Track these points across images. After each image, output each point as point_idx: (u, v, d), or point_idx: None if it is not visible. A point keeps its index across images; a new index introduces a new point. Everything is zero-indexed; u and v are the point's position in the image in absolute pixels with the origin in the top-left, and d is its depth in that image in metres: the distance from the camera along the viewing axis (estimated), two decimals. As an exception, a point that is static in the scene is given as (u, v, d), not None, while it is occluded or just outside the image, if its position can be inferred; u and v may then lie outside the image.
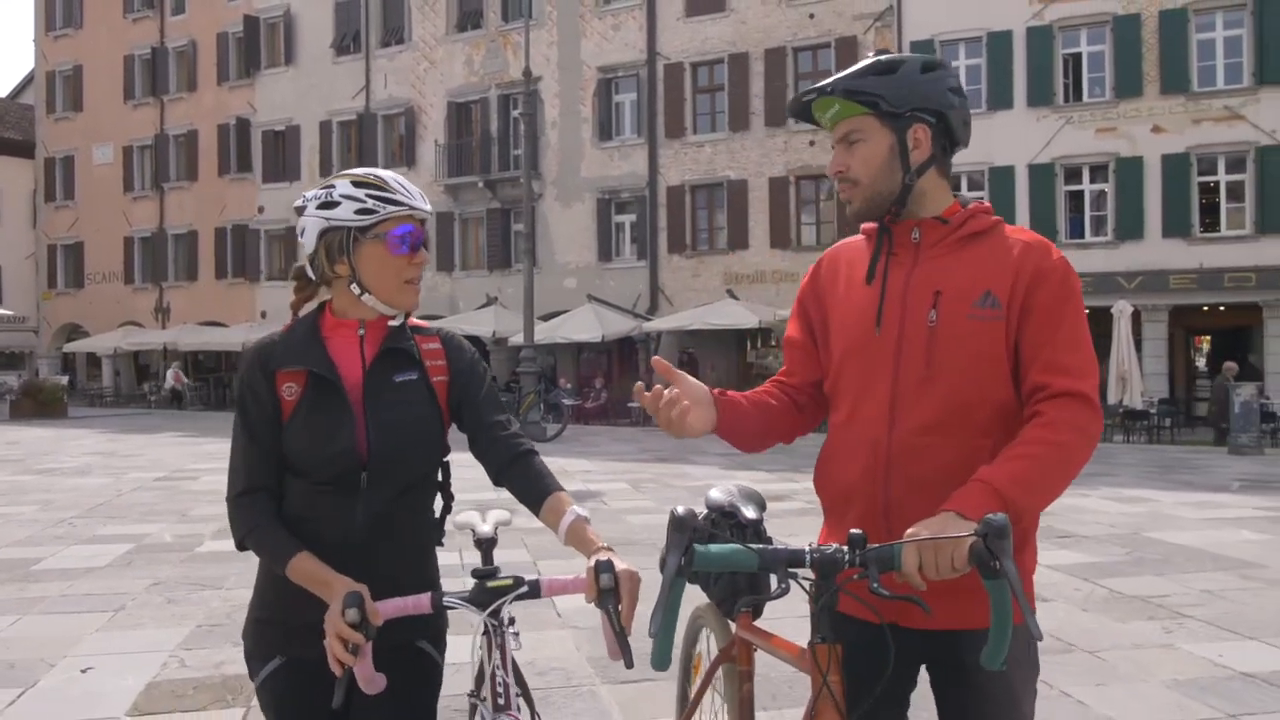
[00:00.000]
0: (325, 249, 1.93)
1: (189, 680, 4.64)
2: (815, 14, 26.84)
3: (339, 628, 1.66)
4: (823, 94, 1.93)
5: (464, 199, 31.81)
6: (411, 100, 33.03)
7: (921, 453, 1.84)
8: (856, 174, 1.94)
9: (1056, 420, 1.74)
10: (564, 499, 1.92)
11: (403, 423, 1.92)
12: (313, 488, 1.88)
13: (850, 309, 1.97)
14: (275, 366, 1.91)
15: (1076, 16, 24.05)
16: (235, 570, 7.03)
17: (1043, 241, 1.90)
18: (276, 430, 1.89)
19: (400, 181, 1.93)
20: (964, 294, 1.86)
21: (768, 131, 27.37)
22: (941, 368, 1.84)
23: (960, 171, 24.88)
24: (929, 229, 1.93)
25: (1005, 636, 1.54)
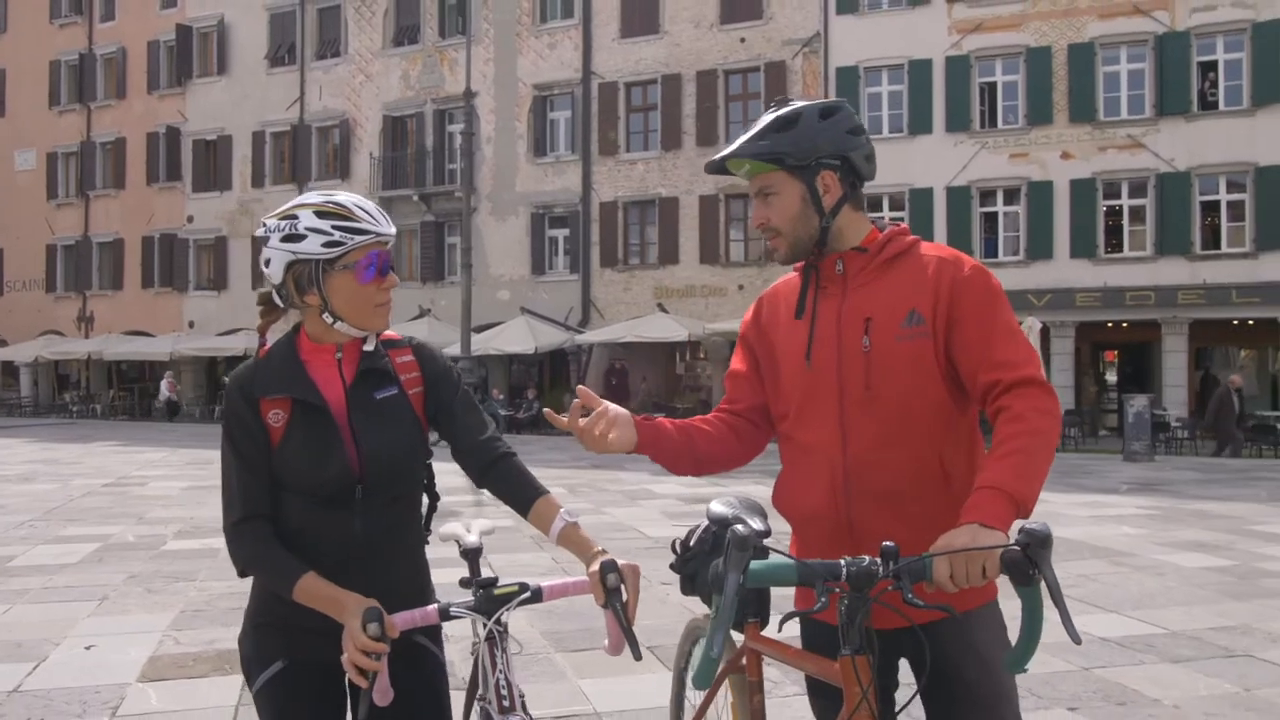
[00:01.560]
0: (294, 280, 1.94)
1: (186, 654, 5.12)
2: (746, 39, 27.80)
3: (361, 642, 1.72)
4: (731, 157, 2.06)
5: (398, 212, 31.96)
6: (346, 112, 33.18)
7: (875, 467, 1.96)
8: (777, 225, 2.06)
9: (1024, 411, 1.83)
10: (553, 503, 1.98)
11: (389, 438, 1.97)
12: (309, 503, 1.92)
13: (789, 343, 2.10)
14: (259, 394, 1.94)
15: (992, 48, 25.37)
16: (205, 566, 7.46)
17: (955, 255, 2.03)
18: (267, 456, 1.92)
19: (363, 207, 1.94)
20: (891, 317, 1.98)
21: (699, 151, 28.18)
22: (880, 387, 1.96)
23: (882, 193, 26.04)
24: (851, 260, 2.05)
25: (1035, 642, 1.61)
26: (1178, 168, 23.61)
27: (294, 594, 1.83)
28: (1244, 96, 23.27)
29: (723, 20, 27.99)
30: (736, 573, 1.58)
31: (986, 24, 25.40)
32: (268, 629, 1.95)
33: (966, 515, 1.72)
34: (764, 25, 27.60)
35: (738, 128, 28.04)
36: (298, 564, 1.86)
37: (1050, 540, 1.55)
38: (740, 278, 27.64)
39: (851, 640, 1.67)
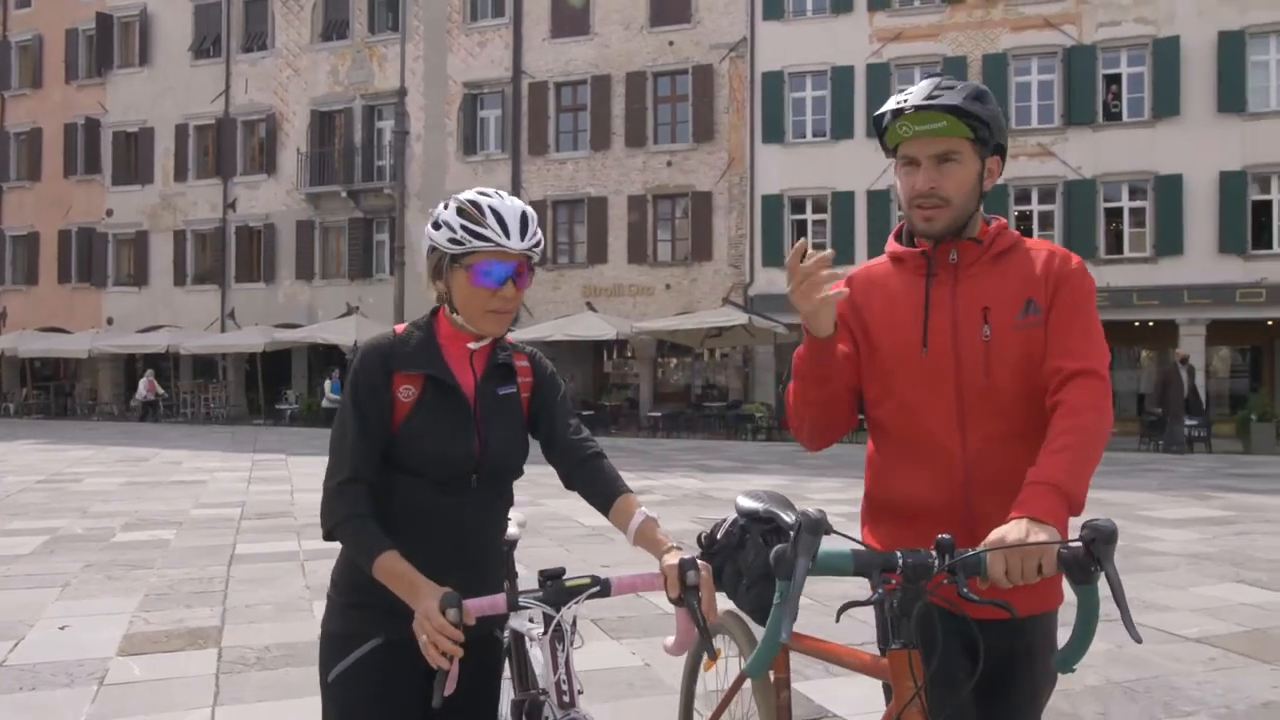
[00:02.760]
0: (432, 265, 2.03)
1: (159, 632, 5.40)
2: (674, 41, 28.32)
3: (441, 626, 1.72)
4: (931, 108, 1.93)
5: (325, 208, 31.92)
6: (273, 107, 32.88)
7: (996, 459, 1.92)
8: (949, 194, 1.96)
9: (1078, 405, 1.83)
10: (633, 501, 2.02)
11: (508, 432, 2.06)
12: (425, 485, 1.96)
13: (894, 329, 2.03)
14: (395, 367, 1.97)
15: (910, 56, 26.28)
16: (158, 555, 7.68)
17: (1063, 250, 2.03)
18: (385, 429, 1.95)
19: (497, 211, 1.96)
20: (1009, 307, 1.96)
21: (627, 151, 28.65)
22: (1000, 378, 1.94)
23: (805, 195, 26.83)
24: (965, 250, 2.01)
25: (1088, 641, 1.60)
26: (1084, 175, 24.77)
27: (374, 567, 1.84)
28: (1145, 108, 24.51)
29: (652, 23, 28.47)
30: (807, 558, 1.54)
31: (906, 33, 26.31)
32: (364, 609, 1.96)
33: (1019, 510, 1.70)
34: (692, 29, 28.15)
35: (666, 129, 28.61)
36: (384, 539, 1.86)
37: (1116, 536, 1.52)
38: (667, 277, 28.16)
39: (903, 634, 1.62)
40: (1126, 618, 1.51)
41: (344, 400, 1.98)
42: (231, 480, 13.21)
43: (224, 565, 7.28)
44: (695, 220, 28.04)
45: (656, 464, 16.28)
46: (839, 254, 27.84)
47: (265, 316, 32.10)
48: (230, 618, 5.73)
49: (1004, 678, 1.95)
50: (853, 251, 26.18)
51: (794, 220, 27.17)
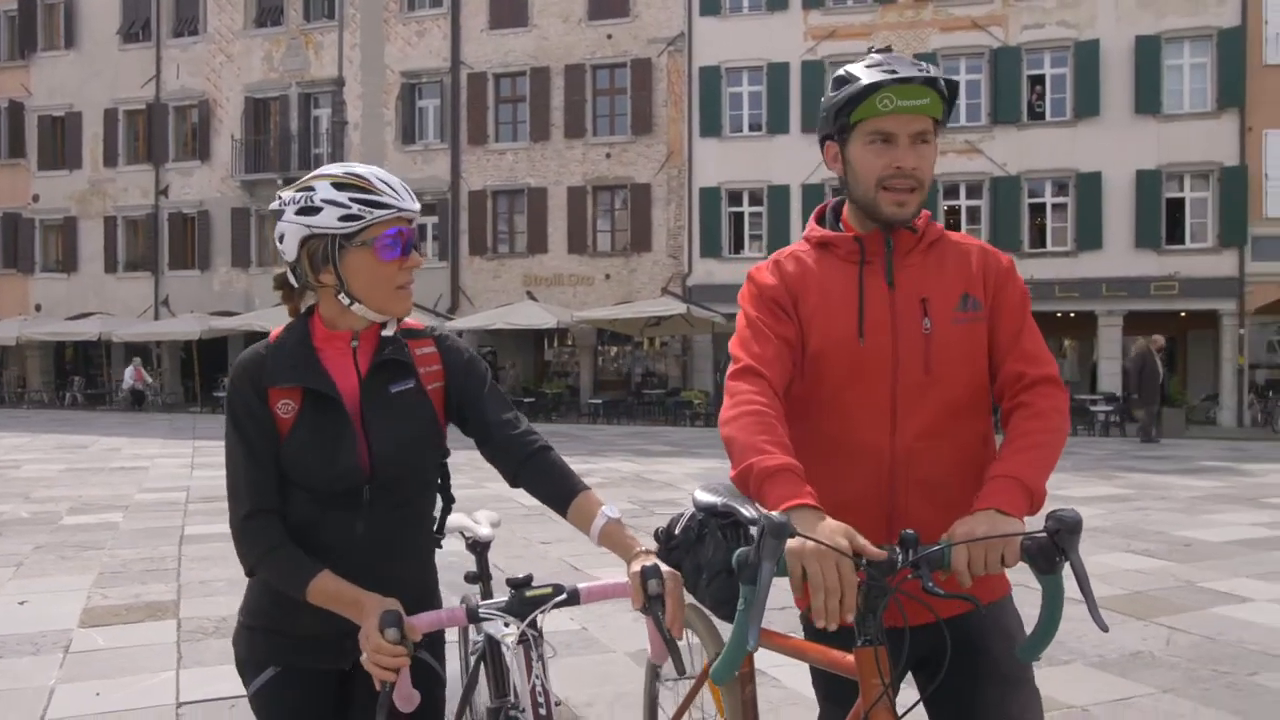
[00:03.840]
0: (308, 257, 1.82)
1: (118, 606, 5.63)
2: (613, 35, 28.60)
3: (379, 645, 1.62)
4: (916, 81, 1.82)
5: (261, 195, 31.60)
6: (206, 93, 32.47)
7: (925, 456, 1.86)
8: (925, 176, 1.87)
9: (1044, 409, 1.82)
10: (593, 499, 1.87)
11: (402, 435, 1.86)
12: (315, 501, 1.82)
13: (828, 319, 1.91)
14: (268, 383, 1.82)
15: (844, 54, 26.84)
16: (108, 537, 7.85)
17: (991, 247, 1.99)
18: (275, 448, 1.81)
19: (384, 179, 1.82)
20: (946, 299, 1.89)
21: (567, 143, 28.88)
22: (939, 373, 1.86)
23: (742, 188, 27.34)
24: (900, 238, 1.91)
25: (1054, 630, 1.57)
26: (1009, 172, 25.63)
27: (308, 594, 1.73)
28: (1067, 108, 25.42)
29: (590, 16, 28.71)
30: (771, 562, 1.47)
31: (840, 31, 26.91)
32: (260, 633, 1.87)
33: (982, 502, 1.68)
34: (630, 23, 28.46)
35: (605, 121, 28.91)
36: (311, 562, 1.75)
37: (1080, 526, 1.51)
38: (607, 267, 28.50)
39: (869, 631, 1.57)
40: (1092, 607, 1.50)
41: (227, 427, 1.85)
42: (174, 466, 13.28)
43: (174, 545, 7.49)
44: (634, 211, 28.40)
45: (596, 449, 16.68)
46: (774, 246, 28.47)
47: (200, 304, 31.76)
48: (185, 592, 5.97)
49: (966, 674, 1.84)
50: (788, 244, 26.69)
51: (731, 212, 27.67)
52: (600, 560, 6.54)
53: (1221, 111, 24.35)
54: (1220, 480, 12.12)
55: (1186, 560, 6.90)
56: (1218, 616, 5.53)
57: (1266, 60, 24.12)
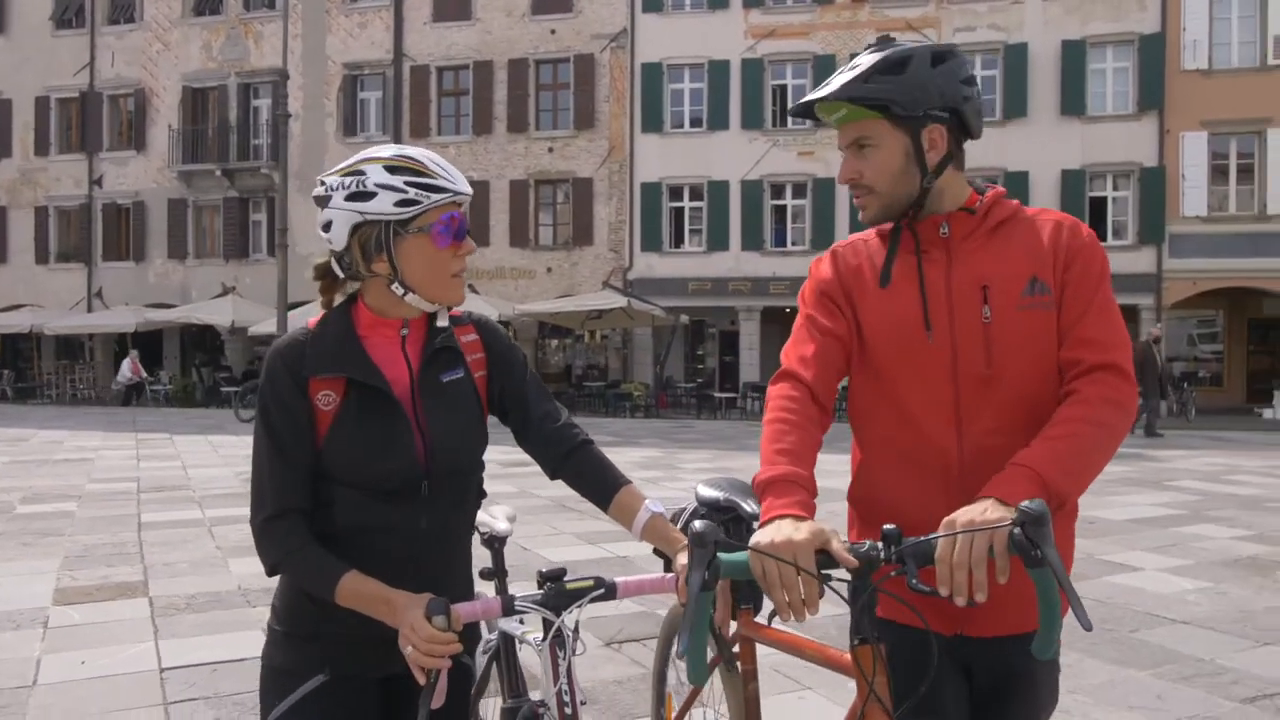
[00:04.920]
0: (359, 245, 1.72)
1: (88, 586, 5.86)
2: (556, 30, 28.85)
3: (431, 634, 1.56)
4: (826, 100, 1.79)
5: (199, 186, 31.35)
6: (142, 81, 32.03)
7: (995, 456, 1.69)
8: (871, 181, 1.80)
9: (1092, 397, 1.67)
10: (636, 494, 1.83)
11: (457, 426, 1.80)
12: (369, 498, 1.72)
13: (888, 314, 1.81)
14: (308, 373, 1.73)
15: (783, 52, 27.49)
16: (66, 525, 8.02)
17: (1072, 220, 1.82)
18: (309, 444, 1.72)
19: (438, 162, 1.73)
20: (1011, 284, 1.75)
21: (509, 137, 29.09)
22: (1002, 365, 1.74)
23: (683, 183, 27.79)
24: (958, 222, 1.81)
25: (1055, 625, 1.47)
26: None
27: (336, 595, 1.65)
28: (997, 109, 26.27)
29: (534, 11, 28.93)
30: (700, 571, 1.46)
31: (779, 30, 27.49)
32: (306, 640, 1.76)
33: (984, 490, 1.57)
34: (574, 18, 28.73)
35: (548, 116, 29.17)
36: (338, 562, 1.67)
37: (1046, 518, 1.41)
38: (549, 260, 28.78)
39: (859, 629, 1.52)
40: (1075, 604, 1.40)
41: (256, 421, 1.76)
42: (119, 458, 13.32)
43: (134, 532, 7.68)
44: (576, 206, 28.71)
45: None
46: (714, 241, 28.83)
47: (136, 296, 31.36)
48: (152, 574, 6.21)
49: (1002, 699, 1.79)
50: (727, 239, 27.34)
51: (672, 207, 28.12)
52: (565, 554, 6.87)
53: (1142, 114, 25.41)
54: (1130, 465, 12.83)
55: (1089, 536, 7.45)
56: (1110, 584, 6.07)
57: (1184, 66, 25.21)
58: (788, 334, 1.91)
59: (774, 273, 27.06)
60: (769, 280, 26.99)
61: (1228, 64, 25.15)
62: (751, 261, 27.23)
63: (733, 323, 28.06)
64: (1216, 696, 4.04)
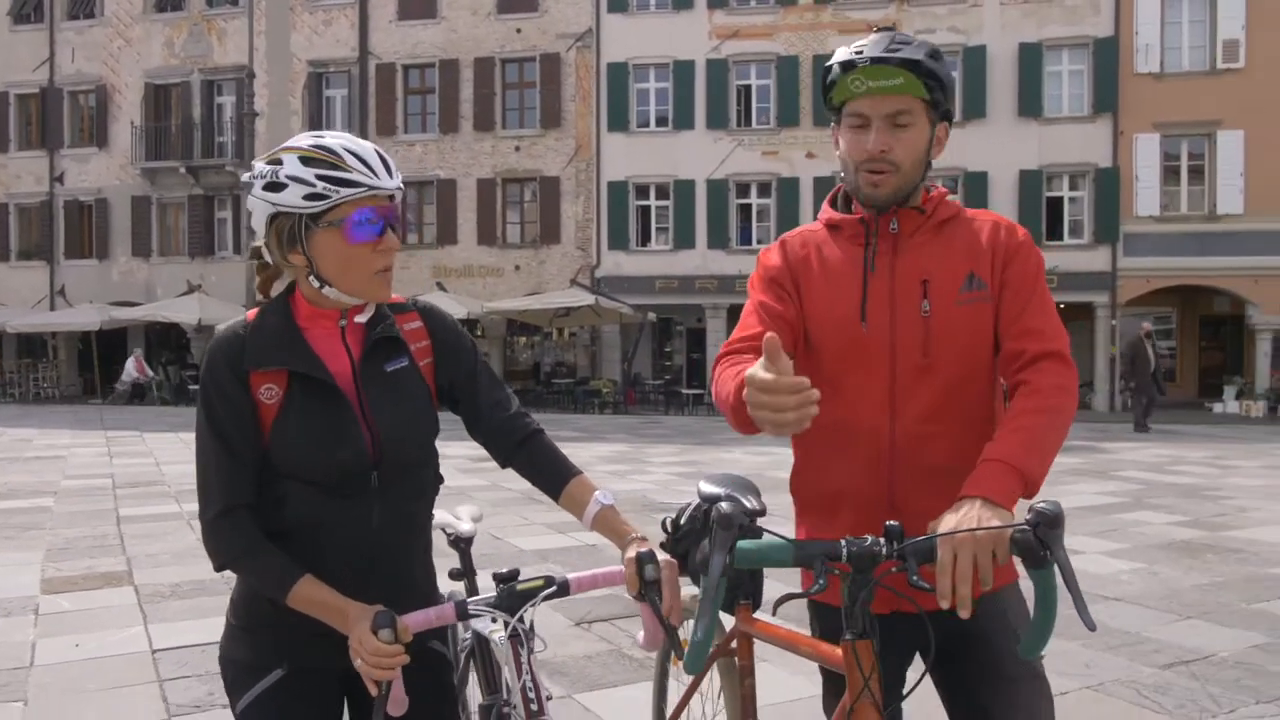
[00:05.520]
0: (276, 236, 1.69)
1: (74, 576, 6.05)
2: (522, 29, 29.02)
3: (374, 648, 1.56)
4: (886, 61, 1.78)
5: (163, 183, 31.19)
6: (104, 78, 31.80)
7: (926, 442, 1.81)
8: (899, 159, 1.81)
9: (1043, 386, 1.73)
10: (587, 484, 1.83)
11: (404, 415, 1.77)
12: (319, 493, 1.69)
13: (830, 302, 1.89)
14: (248, 366, 1.69)
15: (747, 53, 27.86)
16: (44, 519, 8.17)
17: (1009, 221, 1.91)
18: (254, 439, 1.69)
19: (357, 153, 1.66)
20: (950, 279, 1.84)
21: (476, 135, 29.22)
22: (939, 356, 1.82)
23: (649, 182, 28.08)
24: (906, 218, 1.88)
25: (1049, 626, 1.50)
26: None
27: (289, 598, 1.64)
28: (957, 110, 26.73)
29: (500, 10, 29.07)
30: (722, 554, 1.48)
31: (743, 31, 27.84)
32: (262, 632, 1.75)
33: (970, 489, 1.60)
34: (539, 18, 28.91)
35: (514, 115, 29.33)
36: (292, 565, 1.65)
37: (1061, 520, 1.44)
38: (516, 259, 28.96)
39: (854, 624, 1.54)
40: (1079, 604, 1.43)
41: (198, 416, 1.72)
42: (91, 455, 13.40)
43: (113, 525, 7.85)
44: (543, 204, 28.90)
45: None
46: (680, 239, 29.08)
47: (99, 294, 31.14)
48: (135, 564, 6.41)
49: (962, 666, 1.85)
50: (693, 237, 27.67)
51: (638, 206, 28.40)
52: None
53: (1097, 116, 26.01)
54: (1081, 458, 13.30)
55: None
56: (1055, 566, 6.42)
57: (1137, 69, 25.84)
58: None
59: (740, 271, 27.40)
60: (735, 278, 27.34)
61: (1179, 68, 25.80)
62: (717, 260, 27.57)
63: (699, 320, 28.38)
64: (1138, 664, 4.39)
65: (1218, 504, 9.17)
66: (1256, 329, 25.17)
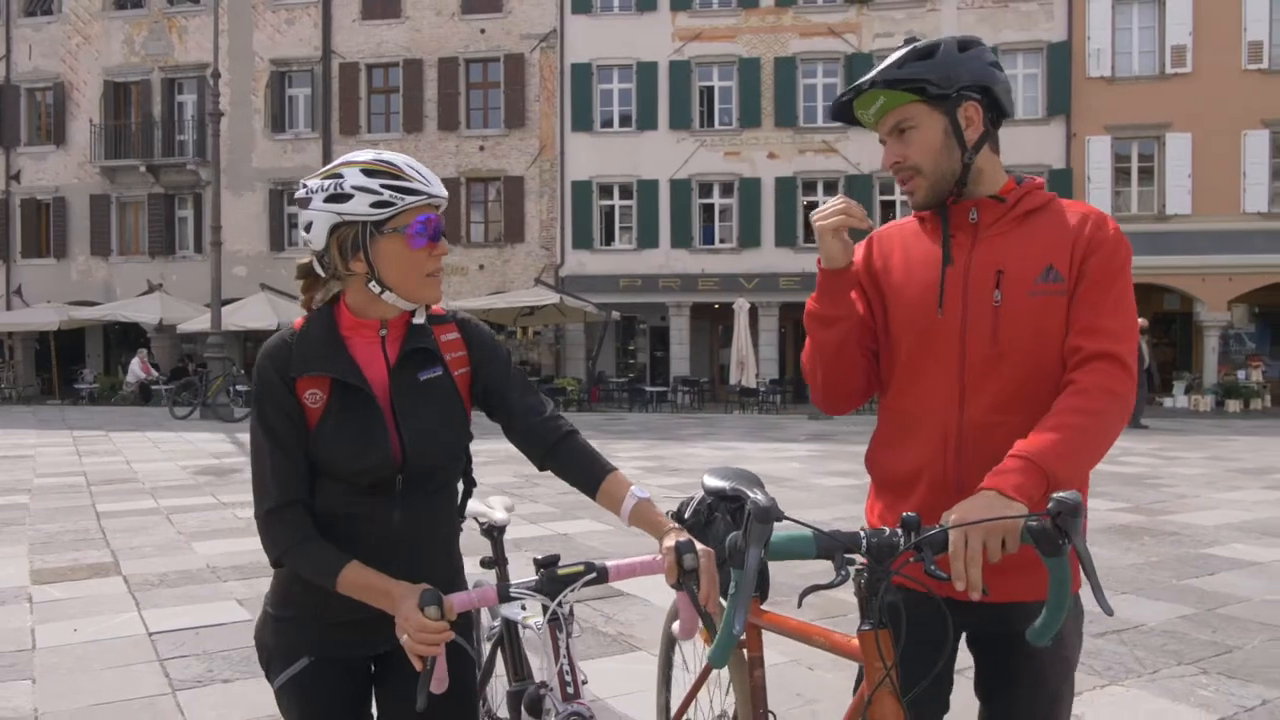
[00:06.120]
0: (338, 245, 1.81)
1: (62, 568, 6.22)
2: (486, 29, 29.19)
3: (421, 624, 1.63)
4: (862, 90, 1.90)
5: (122, 182, 30.99)
6: (61, 75, 31.53)
7: (993, 432, 1.82)
8: (917, 162, 1.90)
9: (1090, 387, 1.74)
10: (622, 480, 1.89)
11: (433, 423, 1.88)
12: (349, 490, 1.83)
13: (908, 291, 1.95)
14: (295, 373, 1.82)
15: (709, 55, 28.23)
16: (23, 515, 8.28)
17: (1100, 213, 1.89)
18: (304, 439, 1.82)
19: (414, 166, 1.82)
20: (1026, 271, 1.84)
21: (440, 135, 29.34)
22: (1009, 346, 1.84)
23: (613, 181, 28.37)
24: (986, 208, 1.90)
25: (1062, 614, 1.52)
26: (863, 170, 27.40)
27: (338, 584, 1.75)
28: (914, 112, 27.32)
29: (464, 10, 29.22)
30: (758, 547, 1.51)
31: (705, 33, 28.20)
32: (292, 623, 1.87)
33: (988, 481, 1.64)
34: (504, 18, 29.09)
35: (478, 114, 29.49)
36: (339, 553, 1.77)
37: (1081, 509, 1.47)
38: (481, 258, 29.13)
39: (872, 615, 1.58)
40: (1097, 590, 1.47)
41: (252, 419, 1.86)
42: (60, 454, 13.44)
43: (94, 520, 8.00)
44: (508, 203, 29.10)
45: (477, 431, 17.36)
46: (644, 238, 29.27)
47: (57, 294, 30.89)
48: (121, 556, 6.58)
49: (1002, 667, 1.89)
50: (657, 237, 27.99)
51: (602, 205, 28.68)
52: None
53: (1050, 118, 26.68)
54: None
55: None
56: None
57: (1089, 73, 26.54)
58: (716, 329, 2.11)
59: (703, 269, 27.80)
60: (698, 277, 27.71)
61: (1129, 72, 26.54)
62: (681, 259, 27.91)
63: (663, 318, 28.71)
64: (1077, 633, 4.74)
65: (1158, 491, 9.62)
66: (1204, 325, 25.96)
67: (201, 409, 20.65)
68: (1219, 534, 7.38)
